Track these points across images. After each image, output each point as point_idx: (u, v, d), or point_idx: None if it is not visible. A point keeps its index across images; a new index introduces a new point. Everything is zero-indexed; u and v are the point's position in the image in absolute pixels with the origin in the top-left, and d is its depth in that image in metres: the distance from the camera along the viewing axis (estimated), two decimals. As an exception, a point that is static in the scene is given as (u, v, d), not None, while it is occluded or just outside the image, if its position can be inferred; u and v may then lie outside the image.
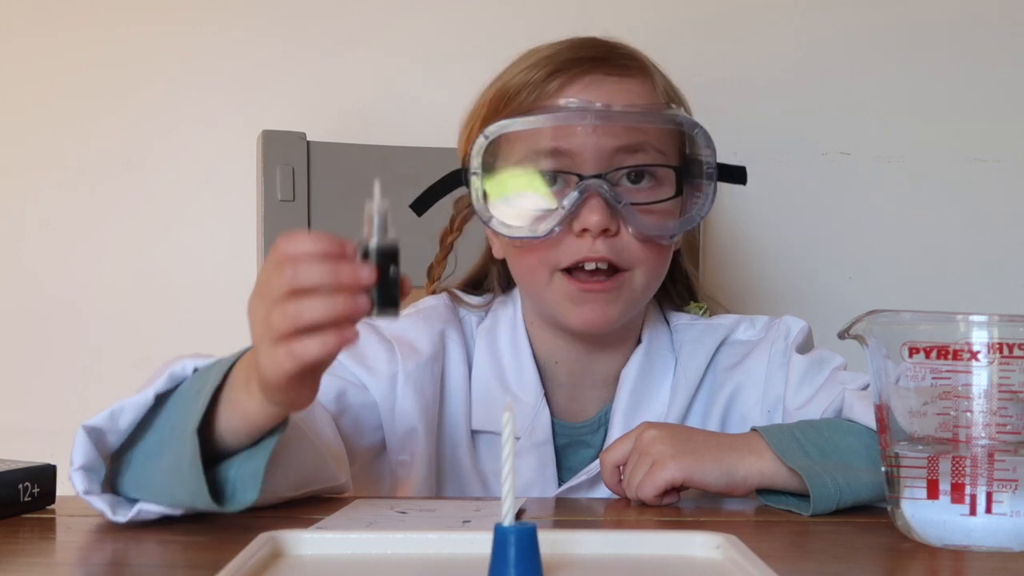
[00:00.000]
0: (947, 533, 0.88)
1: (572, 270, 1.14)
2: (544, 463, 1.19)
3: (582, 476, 1.17)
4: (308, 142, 1.52)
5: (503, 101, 1.15)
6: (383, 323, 1.21)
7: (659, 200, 1.14)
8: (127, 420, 0.93)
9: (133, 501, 0.93)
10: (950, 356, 0.86)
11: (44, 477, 1.02)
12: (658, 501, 1.04)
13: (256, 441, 0.91)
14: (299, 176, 1.51)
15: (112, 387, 1.08)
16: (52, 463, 1.03)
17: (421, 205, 1.18)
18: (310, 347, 0.80)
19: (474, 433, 1.19)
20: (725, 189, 1.67)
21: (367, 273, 0.79)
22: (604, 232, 1.11)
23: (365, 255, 0.80)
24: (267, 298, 0.81)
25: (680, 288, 1.30)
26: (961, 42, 1.68)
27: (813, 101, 1.68)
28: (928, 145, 1.68)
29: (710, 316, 1.29)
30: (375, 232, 0.80)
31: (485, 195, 1.13)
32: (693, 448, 1.04)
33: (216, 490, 0.90)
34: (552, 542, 0.77)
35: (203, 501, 0.89)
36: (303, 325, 0.80)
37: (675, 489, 1.05)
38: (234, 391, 0.89)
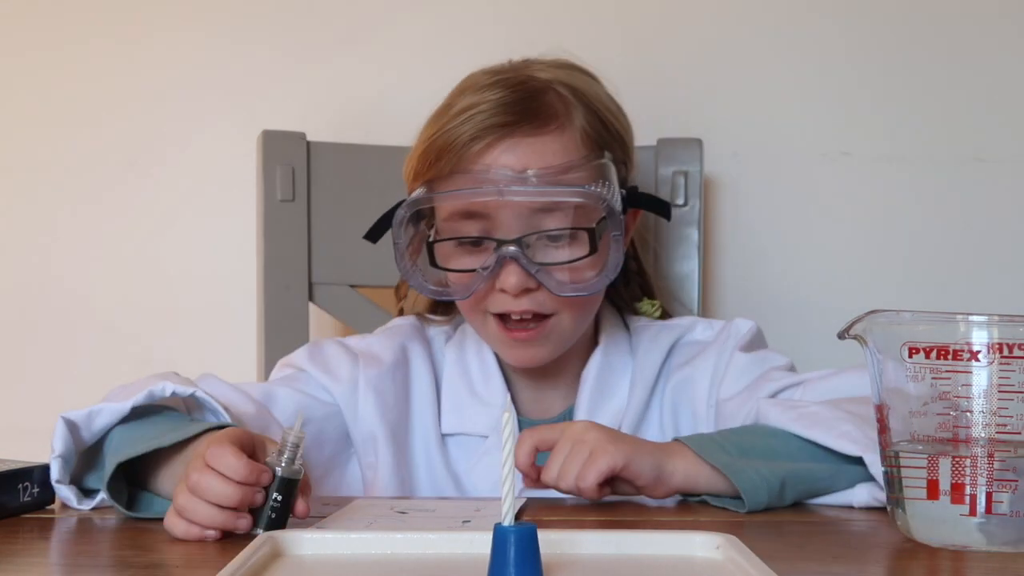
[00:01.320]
0: (947, 533, 0.88)
1: (501, 315, 1.21)
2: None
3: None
4: (308, 142, 1.52)
5: (428, 160, 1.21)
6: (352, 341, 1.30)
7: (574, 260, 1.19)
8: (102, 423, 1.03)
9: (95, 492, 1.02)
10: (950, 356, 0.86)
11: (44, 477, 1.02)
12: (597, 492, 1.05)
13: None
14: (299, 176, 1.51)
15: (113, 387, 1.08)
16: (51, 463, 1.03)
17: (375, 234, 1.27)
18: (188, 531, 0.91)
19: (445, 436, 1.27)
20: (726, 189, 1.67)
21: (259, 498, 0.90)
22: (524, 291, 1.18)
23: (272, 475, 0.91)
24: (184, 479, 0.92)
25: (633, 287, 1.36)
26: (961, 42, 1.67)
27: (813, 101, 1.68)
28: (928, 145, 1.68)
29: (661, 313, 1.35)
30: (284, 461, 0.91)
31: (411, 263, 1.22)
32: (626, 441, 1.08)
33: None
34: (552, 542, 0.77)
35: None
36: (188, 518, 0.90)
37: (607, 482, 1.06)
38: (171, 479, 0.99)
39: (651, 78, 1.66)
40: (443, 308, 1.36)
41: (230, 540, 0.89)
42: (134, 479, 1.02)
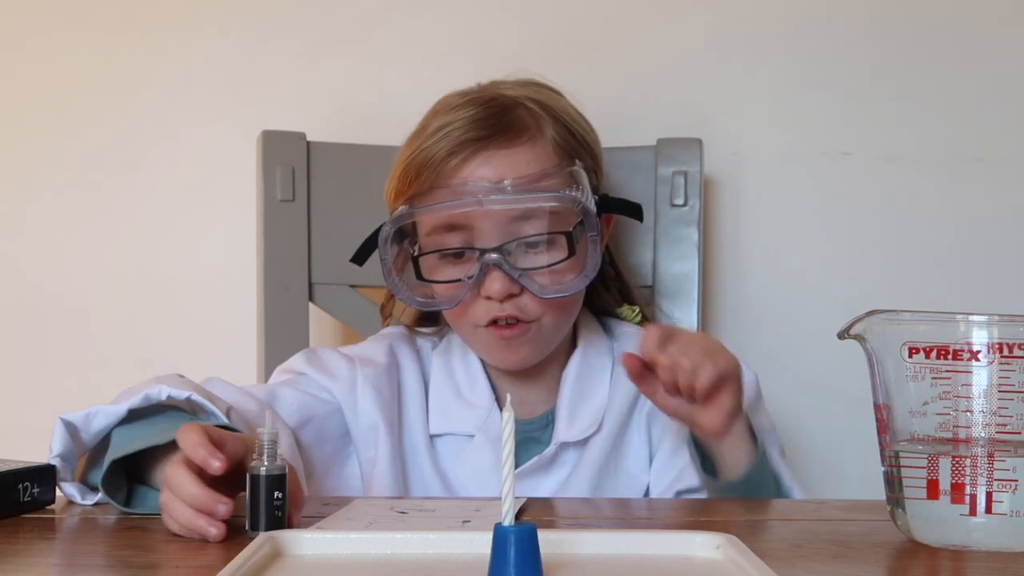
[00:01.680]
0: (947, 533, 0.88)
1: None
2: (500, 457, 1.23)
3: (534, 459, 1.27)
4: (308, 142, 1.52)
5: (409, 177, 1.26)
6: (344, 349, 1.34)
7: (554, 263, 1.24)
8: (99, 424, 1.05)
9: (96, 489, 1.03)
10: (950, 356, 0.86)
11: (44, 477, 1.02)
12: (709, 384, 1.10)
13: None
14: (299, 176, 1.51)
15: (112, 387, 1.08)
16: (52, 463, 1.03)
17: (361, 257, 1.33)
18: (173, 526, 0.92)
19: (433, 437, 1.30)
20: (726, 189, 1.67)
21: (223, 510, 0.90)
22: (508, 296, 1.23)
23: (256, 478, 0.90)
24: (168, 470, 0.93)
25: (613, 292, 1.41)
26: (962, 42, 1.67)
27: (813, 101, 1.68)
28: (928, 145, 1.68)
29: (641, 318, 1.39)
30: (265, 460, 0.91)
31: (399, 277, 1.27)
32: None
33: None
34: (552, 542, 0.77)
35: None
36: (169, 514, 0.92)
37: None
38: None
39: (651, 78, 1.66)
40: (429, 323, 1.40)
41: (230, 540, 0.89)
42: (139, 479, 1.03)
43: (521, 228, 1.23)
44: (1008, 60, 1.67)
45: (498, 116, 1.27)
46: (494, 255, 1.22)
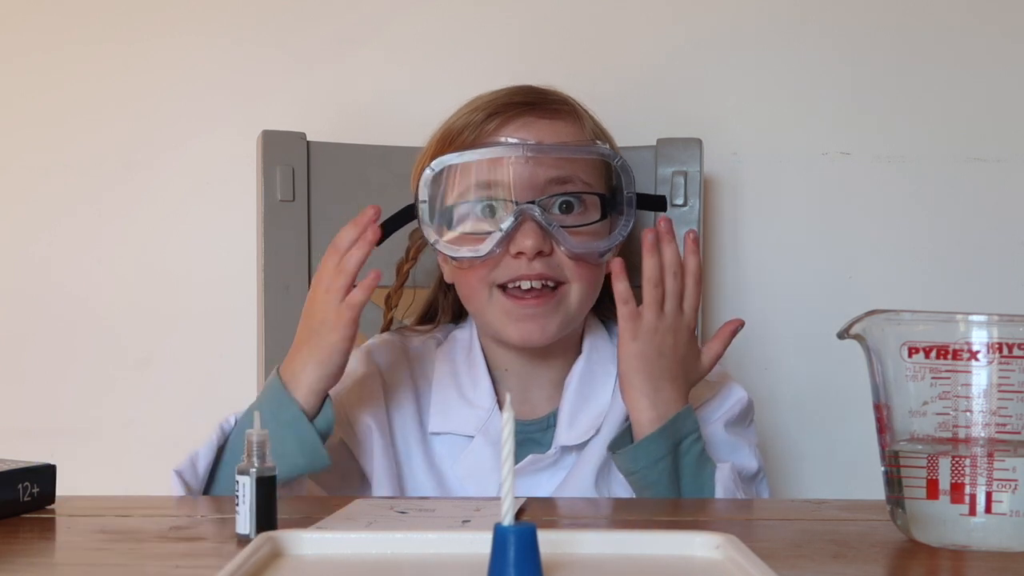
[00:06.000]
0: (947, 533, 0.88)
1: (509, 287, 1.25)
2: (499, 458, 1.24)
3: (529, 458, 1.27)
4: (308, 142, 1.52)
5: (447, 140, 1.28)
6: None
7: (587, 223, 1.26)
8: (203, 465, 1.15)
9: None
10: (950, 356, 0.87)
11: (44, 477, 1.02)
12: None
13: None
14: (299, 176, 1.51)
15: (112, 387, 1.09)
16: (52, 463, 1.03)
17: (385, 229, 1.31)
18: (357, 295, 1.16)
19: (431, 435, 1.31)
20: (726, 189, 1.67)
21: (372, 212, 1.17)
22: (538, 254, 1.23)
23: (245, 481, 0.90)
24: (324, 277, 1.19)
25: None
26: (961, 42, 1.67)
27: (813, 101, 1.68)
28: (928, 145, 1.68)
29: None
30: (255, 460, 0.90)
31: (432, 221, 1.26)
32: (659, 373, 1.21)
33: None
34: (552, 542, 0.77)
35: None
36: (350, 271, 1.17)
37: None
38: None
39: (651, 78, 1.66)
40: (430, 320, 1.40)
41: (229, 540, 0.89)
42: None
43: (556, 190, 1.25)
44: (1007, 60, 1.67)
45: (540, 93, 1.30)
46: (529, 205, 1.22)
